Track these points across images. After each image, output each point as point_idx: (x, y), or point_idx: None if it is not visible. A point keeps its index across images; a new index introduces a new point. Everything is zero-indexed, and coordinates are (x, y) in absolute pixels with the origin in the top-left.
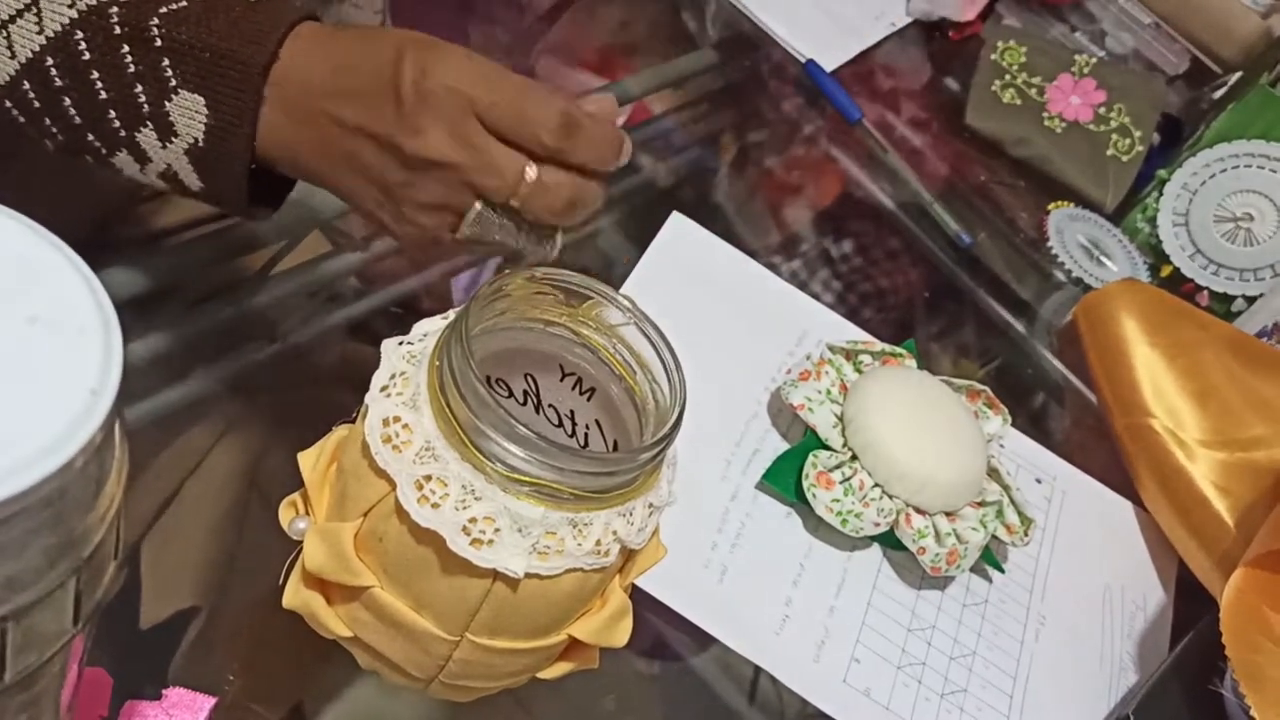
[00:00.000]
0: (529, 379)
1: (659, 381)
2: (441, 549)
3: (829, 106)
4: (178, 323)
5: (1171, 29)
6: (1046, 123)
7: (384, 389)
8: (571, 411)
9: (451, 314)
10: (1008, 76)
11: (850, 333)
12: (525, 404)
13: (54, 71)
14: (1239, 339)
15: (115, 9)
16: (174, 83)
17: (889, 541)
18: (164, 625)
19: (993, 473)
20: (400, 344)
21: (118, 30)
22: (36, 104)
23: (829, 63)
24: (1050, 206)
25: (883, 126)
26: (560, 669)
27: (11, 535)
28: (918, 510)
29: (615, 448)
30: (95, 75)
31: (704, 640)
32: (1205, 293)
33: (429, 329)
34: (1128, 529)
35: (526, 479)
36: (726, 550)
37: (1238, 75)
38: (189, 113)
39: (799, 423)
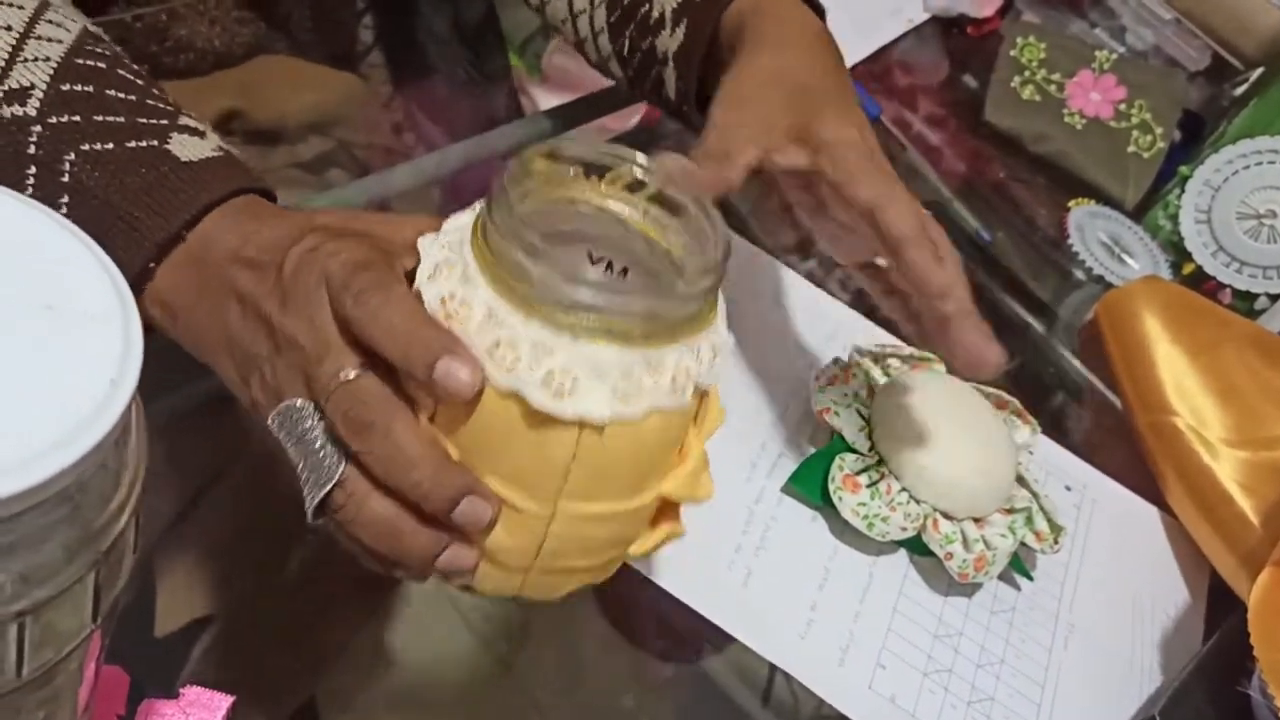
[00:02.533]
0: None
1: (694, 228)
2: (523, 414)
3: None
4: None
5: (1192, 25)
6: (1066, 119)
7: (430, 278)
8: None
9: (479, 204)
10: (1027, 73)
11: (878, 336)
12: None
13: None
14: (1262, 337)
15: (38, 129)
16: None
17: (915, 547)
18: (178, 633)
19: (1021, 480)
20: (436, 238)
21: (31, 151)
22: None
23: (846, 59)
24: (1071, 204)
25: (900, 123)
26: (653, 540)
27: (29, 528)
28: (945, 516)
29: None
30: None
31: (719, 642)
32: (1228, 290)
33: (460, 222)
34: (1158, 537)
35: (595, 323)
36: (751, 553)
37: (1259, 71)
38: None
39: (826, 426)
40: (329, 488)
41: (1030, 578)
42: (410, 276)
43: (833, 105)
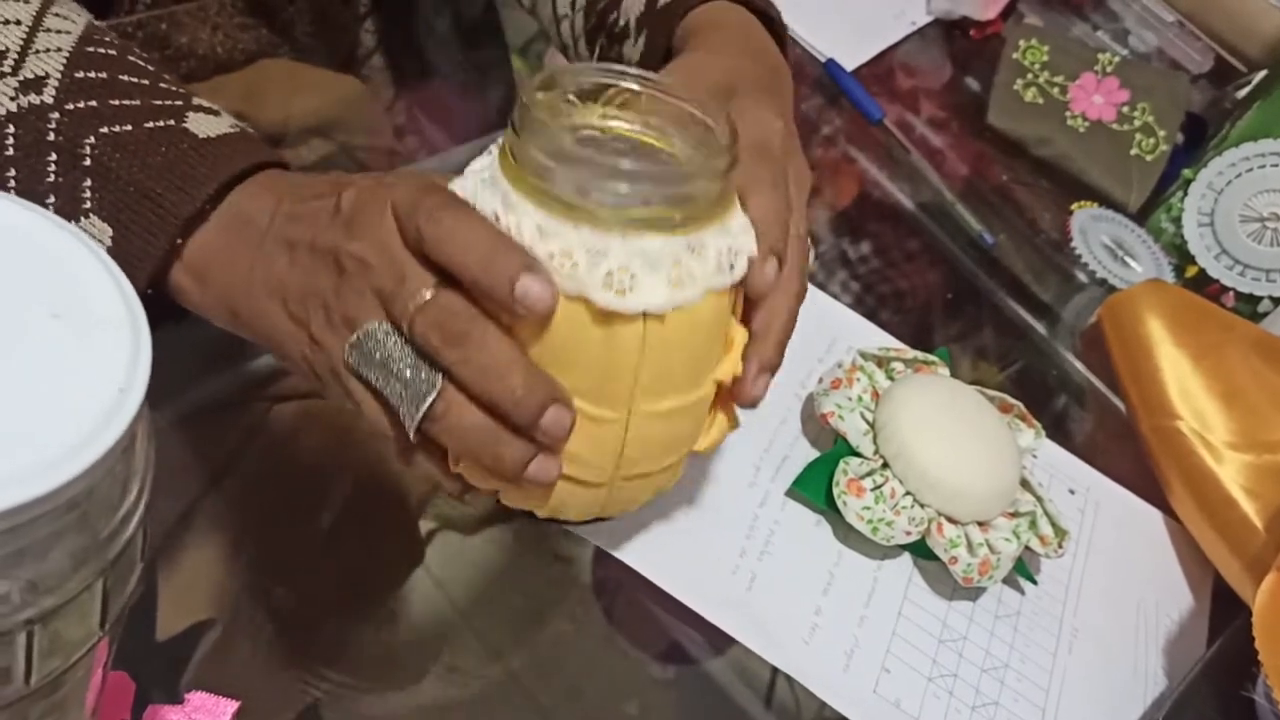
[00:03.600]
0: None
1: (696, 130)
2: (590, 317)
3: (848, 106)
4: (197, 325)
5: (1195, 27)
6: (1069, 122)
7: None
8: None
9: (493, 148)
10: (1030, 75)
11: (881, 339)
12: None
13: None
14: (1265, 340)
15: (56, 115)
16: (88, 205)
17: (920, 551)
18: (181, 636)
19: (1024, 484)
20: (465, 178)
21: (51, 138)
22: None
23: (849, 62)
24: (1073, 207)
25: (903, 126)
26: (713, 435)
27: (37, 537)
28: (950, 520)
29: None
30: (11, 173)
31: (721, 644)
32: (1231, 293)
33: (481, 164)
34: (1162, 541)
35: (638, 214)
36: (755, 557)
37: (1262, 73)
38: (92, 238)
39: (830, 430)
40: (432, 398)
41: (1035, 582)
42: None
43: (745, 100)
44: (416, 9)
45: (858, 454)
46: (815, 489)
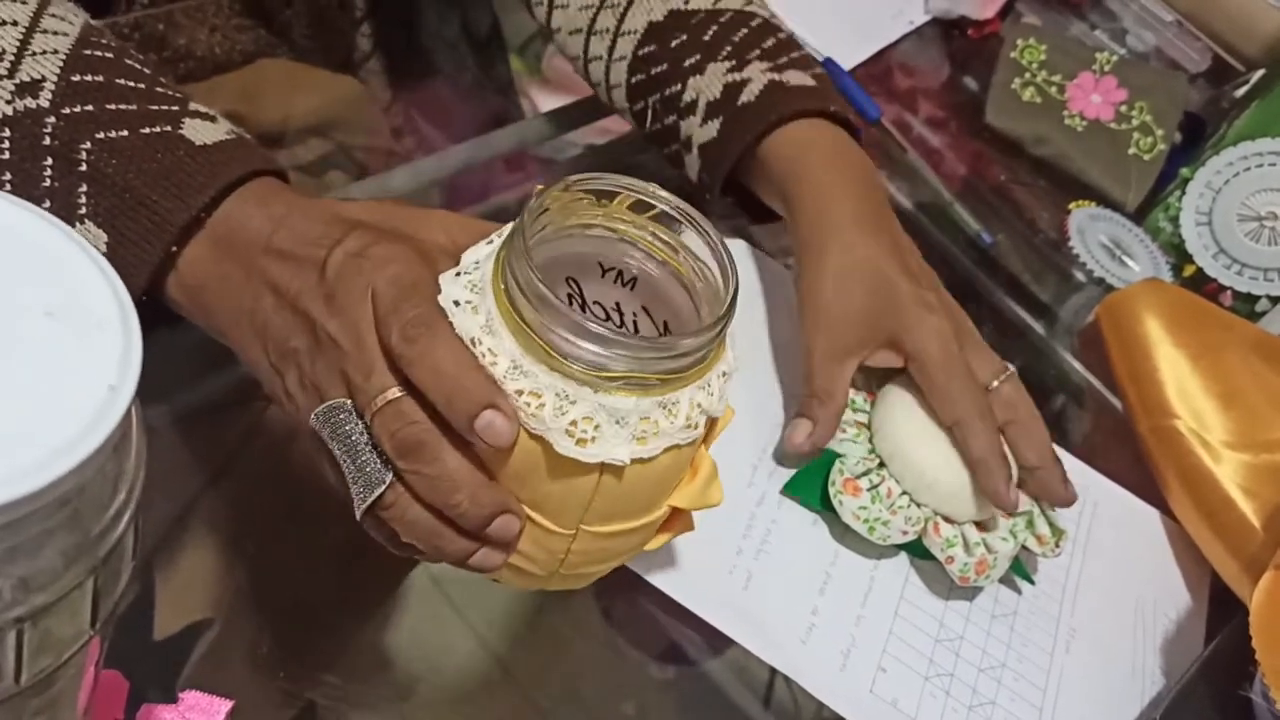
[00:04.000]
0: (570, 283)
1: (703, 258)
2: (547, 455)
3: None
4: (192, 326)
5: (1193, 26)
6: (1067, 121)
7: (454, 314)
8: (617, 304)
9: (496, 237)
10: (1028, 75)
11: None
12: (570, 306)
13: None
14: (1263, 339)
15: (53, 119)
16: (83, 211)
17: (916, 551)
18: (177, 636)
19: (1021, 483)
20: (457, 275)
21: (47, 142)
22: None
23: (847, 61)
24: (1071, 206)
25: (900, 125)
26: (663, 539)
27: (28, 535)
28: (946, 519)
29: (666, 329)
30: (6, 176)
31: (719, 645)
32: (1229, 293)
33: (478, 256)
34: (1159, 541)
35: (614, 375)
36: (752, 557)
37: (1260, 73)
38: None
39: None
40: (381, 490)
41: (1032, 581)
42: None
43: (912, 304)
44: (415, 12)
45: (853, 454)
46: (809, 490)
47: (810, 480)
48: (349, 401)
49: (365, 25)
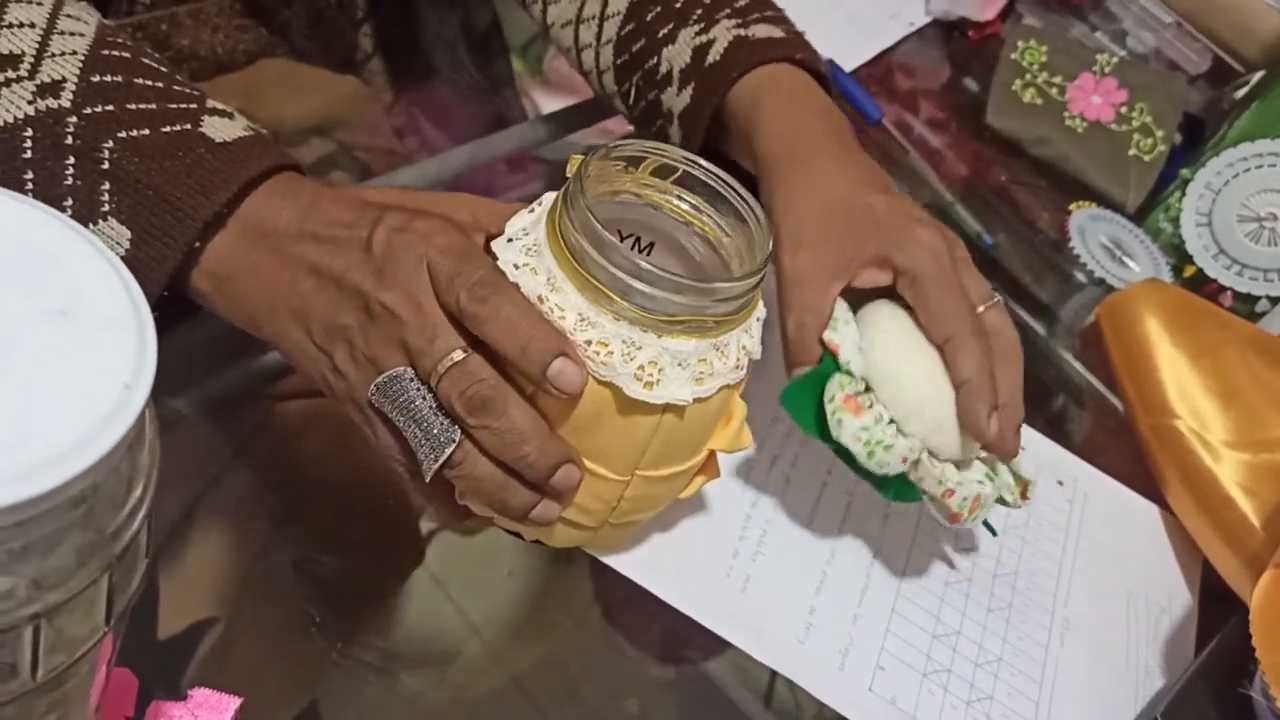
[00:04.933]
0: None
1: (728, 215)
2: (615, 401)
3: (848, 107)
4: (201, 323)
5: (1193, 28)
6: (1068, 122)
7: (514, 278)
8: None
9: (537, 206)
10: (1028, 76)
11: None
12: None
13: None
14: (1263, 339)
15: (74, 119)
16: (106, 208)
17: (902, 492)
18: (182, 635)
19: None
20: (509, 241)
21: (69, 141)
22: None
23: (848, 63)
24: (1072, 207)
25: (901, 127)
26: (697, 484)
27: (44, 532)
28: (933, 456)
29: None
30: (29, 175)
31: (720, 644)
32: (1229, 293)
33: (523, 224)
34: (1150, 531)
35: (677, 320)
36: (749, 559)
37: (1260, 74)
38: (110, 240)
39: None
40: (451, 449)
41: (994, 532)
42: None
43: (898, 218)
44: (415, 13)
45: (848, 373)
46: (803, 409)
47: (803, 396)
48: (409, 369)
49: (366, 26)
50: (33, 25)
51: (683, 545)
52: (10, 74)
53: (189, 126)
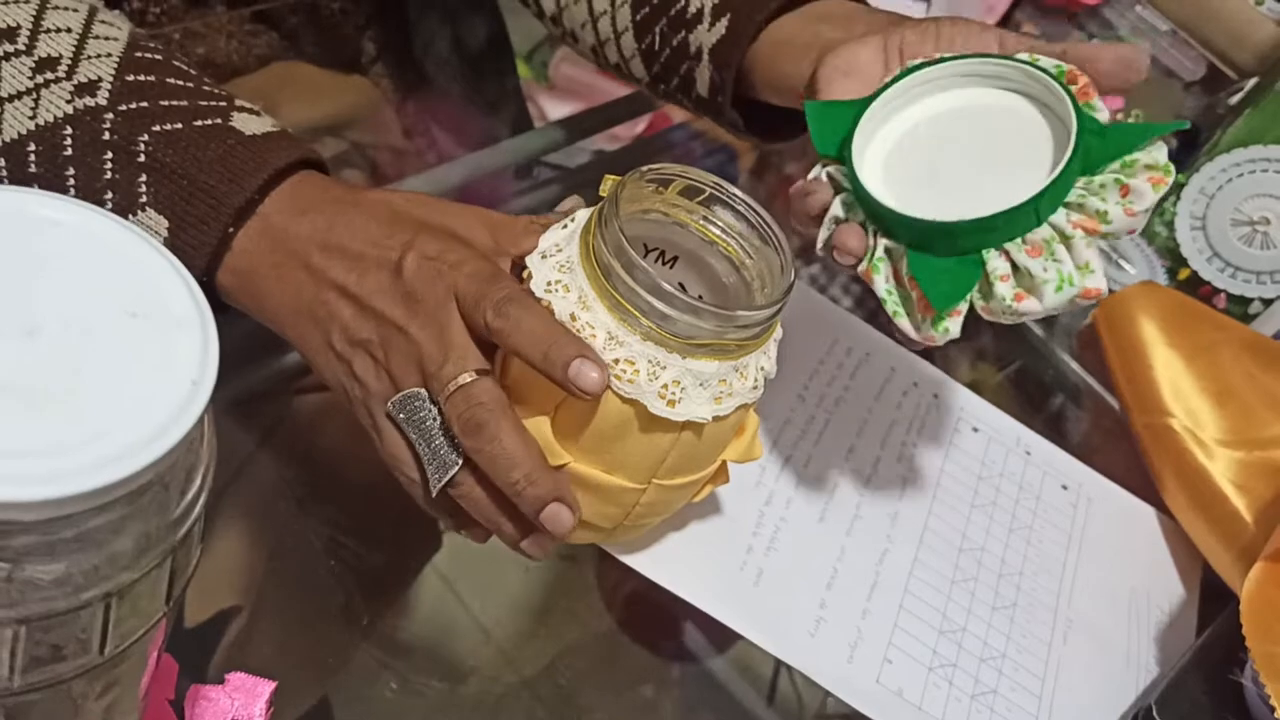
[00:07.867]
0: None
1: (752, 239)
2: (638, 417)
3: None
4: (229, 322)
5: (1188, 36)
6: None
7: (546, 294)
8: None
9: (570, 221)
10: None
11: (881, 342)
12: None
13: (32, 158)
14: (1256, 340)
15: (111, 116)
16: (144, 199)
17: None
18: (207, 624)
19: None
20: (544, 257)
21: (106, 137)
22: (5, 181)
23: None
24: None
25: None
26: (708, 490)
27: (119, 516)
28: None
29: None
30: (70, 172)
31: (723, 641)
32: (1223, 295)
33: (556, 239)
34: (1152, 534)
35: (701, 343)
36: (762, 554)
37: (1253, 81)
38: (149, 230)
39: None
40: (454, 471)
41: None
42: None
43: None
44: (416, 19)
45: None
46: (827, 136)
47: (831, 123)
48: (424, 390)
49: (370, 31)
50: (69, 30)
51: (697, 541)
52: (50, 75)
53: (220, 121)
